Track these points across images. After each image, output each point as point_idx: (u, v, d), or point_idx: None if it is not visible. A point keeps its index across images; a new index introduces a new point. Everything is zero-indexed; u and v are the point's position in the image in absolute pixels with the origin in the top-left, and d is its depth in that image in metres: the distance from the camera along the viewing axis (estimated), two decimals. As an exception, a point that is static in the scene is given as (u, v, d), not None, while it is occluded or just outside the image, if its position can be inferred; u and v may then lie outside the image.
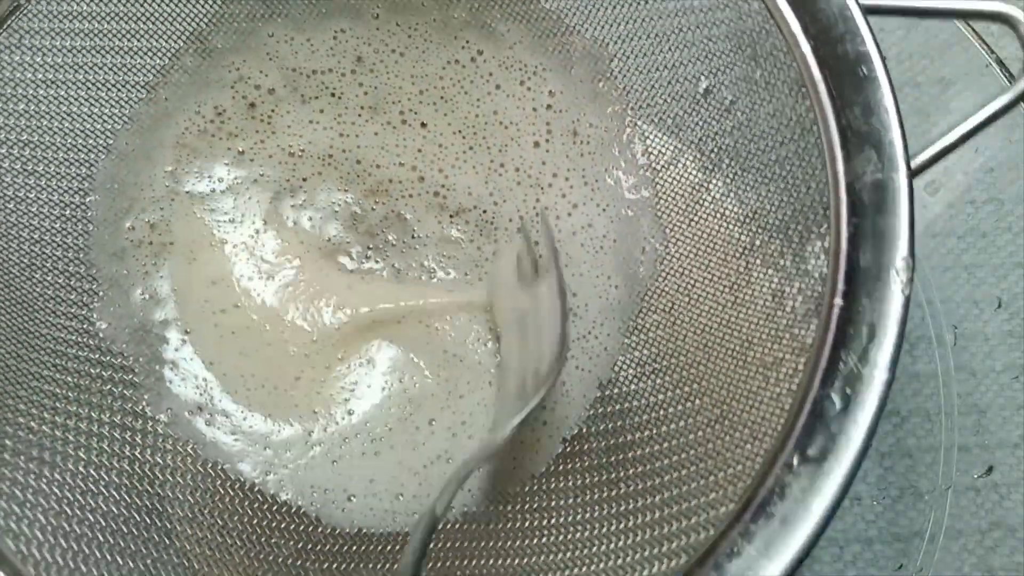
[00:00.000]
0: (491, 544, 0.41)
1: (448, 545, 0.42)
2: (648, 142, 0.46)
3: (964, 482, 0.49)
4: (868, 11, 0.34)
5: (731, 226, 0.41)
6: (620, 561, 0.37)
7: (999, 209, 0.52)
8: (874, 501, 0.50)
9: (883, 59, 0.34)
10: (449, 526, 0.43)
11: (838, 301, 0.33)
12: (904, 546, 0.48)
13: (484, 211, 0.48)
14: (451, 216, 0.48)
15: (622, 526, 0.38)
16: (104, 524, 0.40)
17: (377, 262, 0.48)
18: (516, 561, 0.40)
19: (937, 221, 0.52)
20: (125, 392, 0.45)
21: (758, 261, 0.39)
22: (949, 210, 0.52)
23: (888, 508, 0.49)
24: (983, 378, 0.50)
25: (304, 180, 0.48)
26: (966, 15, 0.35)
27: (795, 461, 0.32)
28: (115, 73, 0.47)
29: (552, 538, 0.40)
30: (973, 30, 0.48)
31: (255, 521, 0.43)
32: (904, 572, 0.48)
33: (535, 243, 0.43)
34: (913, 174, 0.33)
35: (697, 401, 0.40)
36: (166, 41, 0.48)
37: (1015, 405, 0.50)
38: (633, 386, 0.43)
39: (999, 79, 0.47)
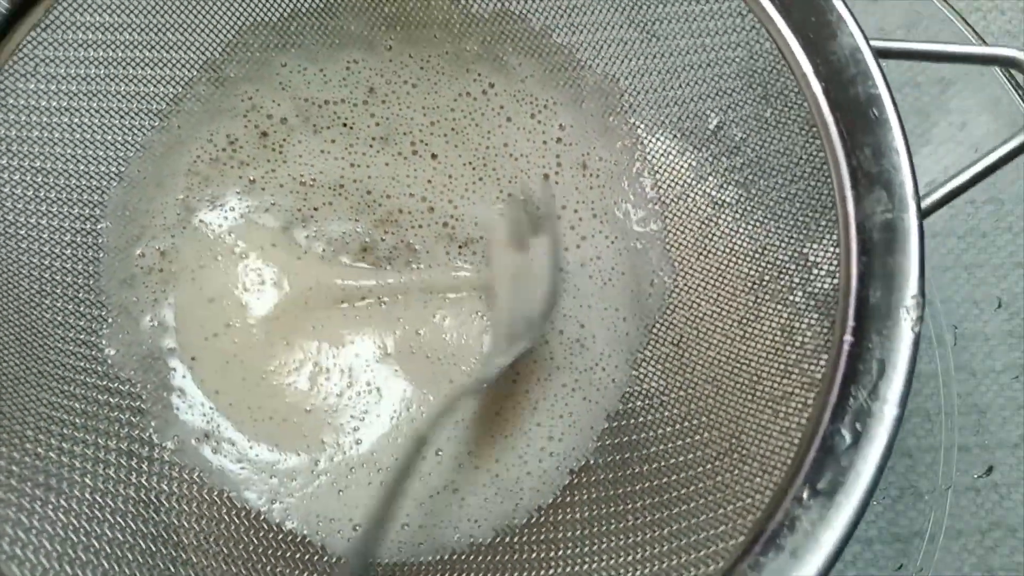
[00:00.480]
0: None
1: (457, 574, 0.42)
2: (657, 176, 0.47)
3: (964, 482, 0.49)
4: (880, 54, 0.35)
5: (740, 261, 0.42)
6: (629, 593, 0.37)
7: (999, 209, 0.53)
8: (874, 501, 0.48)
9: (894, 102, 0.34)
10: (455, 557, 0.43)
11: (848, 338, 0.33)
12: (904, 546, 0.48)
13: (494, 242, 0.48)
14: (460, 247, 0.48)
15: (630, 558, 0.38)
16: (110, 551, 0.40)
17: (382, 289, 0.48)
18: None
19: (937, 221, 0.52)
20: (132, 419, 0.45)
21: (767, 296, 0.40)
22: (949, 210, 0.52)
23: (888, 508, 0.49)
24: (983, 378, 0.51)
25: (315, 210, 0.49)
26: (976, 60, 0.35)
27: (805, 494, 0.32)
28: (128, 101, 0.48)
29: (559, 570, 0.40)
30: (973, 30, 0.48)
31: (260, 549, 0.43)
32: (904, 572, 0.48)
33: (535, 207, 0.47)
34: (924, 215, 0.33)
35: (706, 434, 0.40)
36: (180, 70, 0.49)
37: (1015, 405, 0.50)
38: (641, 418, 0.44)
39: (999, 79, 0.47)
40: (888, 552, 0.48)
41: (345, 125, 0.50)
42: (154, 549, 0.41)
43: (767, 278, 0.40)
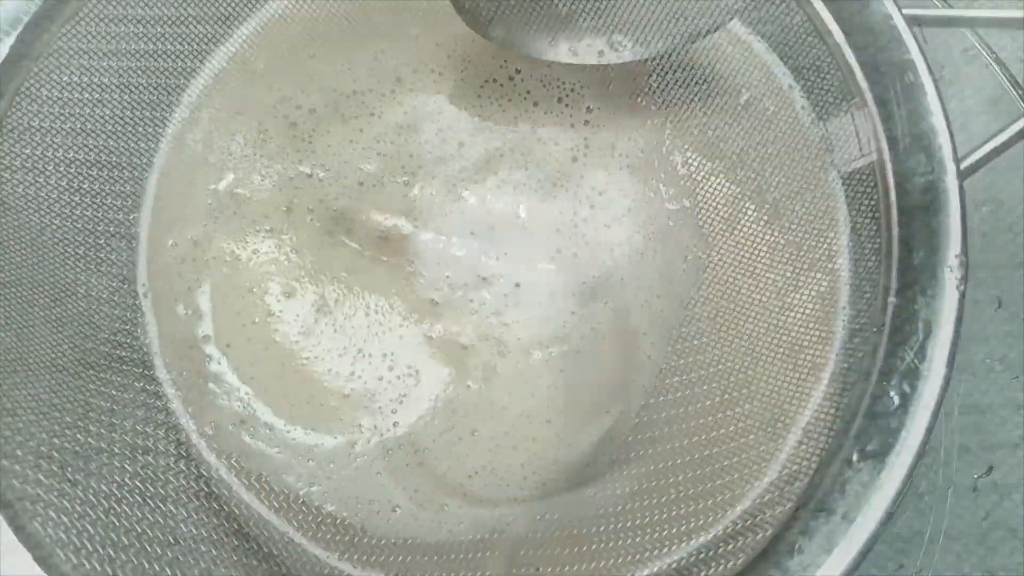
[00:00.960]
0: (539, 552, 0.41)
1: (496, 553, 0.42)
2: (688, 154, 0.47)
3: (964, 482, 0.49)
4: (912, 21, 0.35)
5: (776, 233, 0.42)
6: (675, 564, 0.37)
7: (999, 209, 0.52)
8: (873, 501, 0.49)
9: (928, 66, 0.35)
10: (495, 535, 0.43)
11: (892, 299, 0.33)
12: (904, 546, 0.48)
13: (524, 227, 0.48)
14: (490, 231, 0.49)
15: (675, 531, 0.38)
16: (151, 535, 0.40)
17: (416, 277, 0.48)
18: (565, 568, 0.40)
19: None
20: (169, 405, 0.45)
21: (806, 265, 0.40)
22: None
23: (888, 508, 0.49)
24: (983, 378, 0.50)
25: (346, 198, 0.49)
26: (1013, 23, 0.36)
27: (855, 457, 0.32)
28: (159, 93, 0.48)
29: (602, 545, 0.40)
30: (974, 30, 0.48)
31: (301, 531, 0.43)
32: (904, 572, 0.47)
33: None
34: (963, 176, 0.33)
35: (747, 405, 0.40)
36: (210, 62, 0.49)
37: (1015, 405, 0.50)
38: (680, 394, 0.44)
39: (999, 79, 0.48)
40: (888, 552, 0.48)
41: (373, 114, 0.50)
42: (194, 532, 0.41)
43: (804, 248, 0.40)
